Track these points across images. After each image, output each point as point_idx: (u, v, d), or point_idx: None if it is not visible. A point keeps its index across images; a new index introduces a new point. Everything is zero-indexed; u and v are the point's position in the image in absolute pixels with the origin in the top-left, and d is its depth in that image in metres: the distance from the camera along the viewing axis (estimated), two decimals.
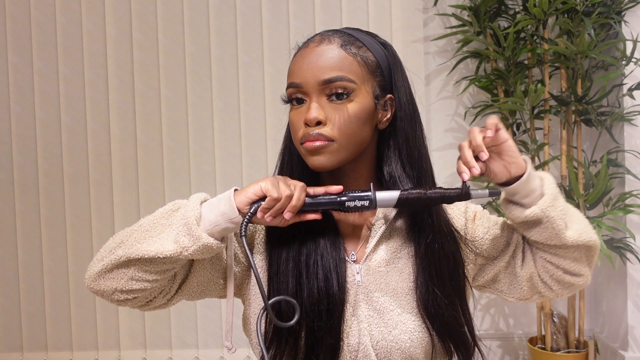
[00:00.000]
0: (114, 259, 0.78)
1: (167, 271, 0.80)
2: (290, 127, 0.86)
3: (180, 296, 0.85)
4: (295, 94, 0.84)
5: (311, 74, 0.82)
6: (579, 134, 2.12)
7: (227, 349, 0.87)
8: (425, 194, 0.81)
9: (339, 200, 0.81)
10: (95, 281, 0.80)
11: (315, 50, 0.83)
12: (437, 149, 2.36)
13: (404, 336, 0.82)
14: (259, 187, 0.79)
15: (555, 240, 0.82)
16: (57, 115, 2.36)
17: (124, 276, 0.79)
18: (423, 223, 0.86)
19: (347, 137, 0.82)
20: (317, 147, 0.81)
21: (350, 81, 0.82)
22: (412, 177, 0.85)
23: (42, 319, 2.39)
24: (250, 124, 2.33)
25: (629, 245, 2.01)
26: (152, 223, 0.81)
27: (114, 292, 0.80)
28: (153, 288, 0.80)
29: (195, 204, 0.79)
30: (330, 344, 0.81)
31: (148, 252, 0.77)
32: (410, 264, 0.87)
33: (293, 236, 0.85)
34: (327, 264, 0.83)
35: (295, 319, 0.78)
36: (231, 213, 0.78)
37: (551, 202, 0.81)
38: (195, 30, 2.32)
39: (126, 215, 2.35)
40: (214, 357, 2.37)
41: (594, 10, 1.96)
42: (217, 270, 0.85)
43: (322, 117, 0.81)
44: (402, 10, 2.29)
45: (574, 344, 2.10)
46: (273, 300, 0.80)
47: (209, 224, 0.78)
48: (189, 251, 0.77)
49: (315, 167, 0.83)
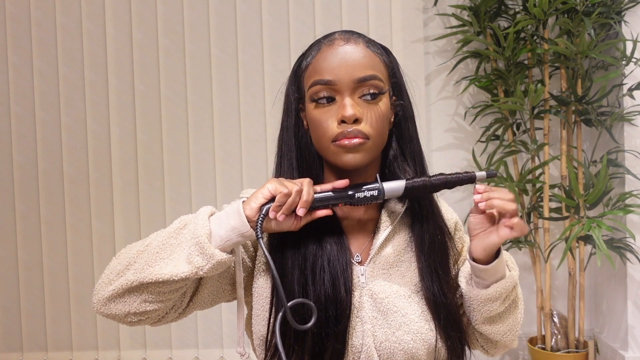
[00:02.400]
0: (124, 284, 0.76)
1: (179, 289, 0.79)
2: (316, 126, 0.83)
3: (192, 308, 0.85)
4: (323, 91, 0.82)
5: (345, 71, 0.81)
6: (579, 134, 2.12)
7: (240, 355, 0.87)
8: (430, 180, 0.83)
9: (348, 193, 0.81)
10: (105, 305, 0.78)
11: (346, 48, 0.82)
12: (437, 149, 2.36)
13: (407, 337, 0.83)
14: (266, 189, 0.78)
15: (470, 318, 0.89)
16: (57, 115, 2.36)
17: (137, 299, 0.77)
18: (425, 225, 0.87)
19: (380, 136, 0.83)
20: (356, 144, 0.80)
21: (381, 81, 0.83)
22: (417, 173, 0.88)
23: (42, 319, 2.40)
24: (250, 124, 2.33)
25: (629, 245, 2.01)
26: (162, 244, 0.78)
27: (127, 315, 0.78)
28: (166, 307, 0.80)
29: (204, 220, 0.78)
30: (337, 349, 0.81)
31: (162, 275, 0.75)
32: (414, 267, 0.87)
33: (296, 242, 0.84)
34: (334, 270, 0.82)
35: (312, 321, 0.77)
36: (242, 227, 0.77)
37: (483, 299, 0.85)
38: (195, 30, 2.32)
39: (126, 215, 2.35)
40: (214, 357, 2.37)
41: (594, 10, 1.96)
42: (224, 278, 0.85)
43: (360, 115, 0.80)
44: (402, 10, 2.29)
45: (574, 344, 2.10)
46: (292, 303, 0.78)
47: (219, 240, 0.77)
48: (204, 270, 0.76)
49: (350, 165, 0.82)
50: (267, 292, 0.86)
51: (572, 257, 2.07)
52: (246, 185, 2.34)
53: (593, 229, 1.85)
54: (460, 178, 0.83)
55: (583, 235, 1.95)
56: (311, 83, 0.83)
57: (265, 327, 0.85)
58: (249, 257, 0.88)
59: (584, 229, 1.86)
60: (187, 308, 0.84)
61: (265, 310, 0.85)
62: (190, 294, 0.83)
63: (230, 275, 0.86)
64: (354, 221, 0.89)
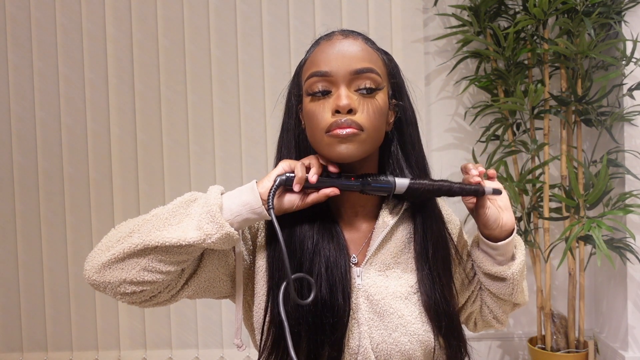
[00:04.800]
0: (127, 247, 0.74)
1: (182, 262, 0.77)
2: (311, 118, 0.82)
3: (185, 292, 0.82)
4: (319, 83, 0.81)
5: (341, 62, 0.80)
6: (579, 134, 2.12)
7: (237, 346, 0.86)
8: (433, 184, 0.83)
9: (362, 180, 0.82)
10: (99, 272, 0.74)
11: (344, 42, 0.82)
12: (437, 149, 2.36)
13: (404, 338, 0.82)
14: (280, 167, 0.80)
15: (508, 297, 0.92)
16: (57, 115, 2.36)
17: (136, 266, 0.74)
18: (429, 233, 0.87)
19: (375, 129, 0.81)
20: (349, 134, 0.78)
21: (378, 75, 0.82)
22: (419, 178, 0.87)
23: (42, 319, 2.40)
24: (250, 124, 2.33)
25: (629, 245, 2.01)
26: (171, 212, 0.77)
27: (122, 283, 0.75)
28: (163, 281, 0.77)
29: (216, 194, 0.78)
30: (334, 356, 0.81)
31: (169, 239, 0.73)
32: (411, 268, 0.87)
33: (294, 247, 0.83)
34: (331, 277, 0.81)
35: (312, 296, 0.77)
36: (254, 203, 0.78)
37: (520, 268, 0.90)
38: (195, 30, 2.32)
39: (126, 215, 2.34)
40: (214, 357, 2.37)
41: (594, 10, 1.96)
42: (223, 267, 0.84)
43: (354, 105, 0.79)
44: (402, 10, 2.29)
45: (574, 344, 2.10)
46: (295, 276, 0.78)
47: (230, 214, 0.77)
48: (213, 239, 0.75)
49: (342, 157, 0.80)
50: (267, 283, 0.85)
51: (572, 257, 2.07)
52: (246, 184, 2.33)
53: (593, 229, 1.85)
54: (463, 189, 0.84)
55: (583, 235, 1.95)
56: (308, 75, 0.82)
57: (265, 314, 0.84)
58: (247, 251, 0.87)
59: (584, 229, 1.86)
60: (180, 290, 0.82)
61: (265, 301, 0.85)
62: (188, 273, 0.81)
63: (229, 266, 0.85)
64: (351, 221, 0.89)
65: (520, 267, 0.89)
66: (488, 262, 0.90)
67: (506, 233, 0.87)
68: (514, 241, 0.90)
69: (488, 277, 0.92)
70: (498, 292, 0.92)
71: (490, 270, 0.89)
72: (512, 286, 0.90)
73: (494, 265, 0.89)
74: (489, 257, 0.90)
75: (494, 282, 0.91)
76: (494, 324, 0.99)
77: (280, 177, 0.79)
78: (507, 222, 0.86)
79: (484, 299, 0.97)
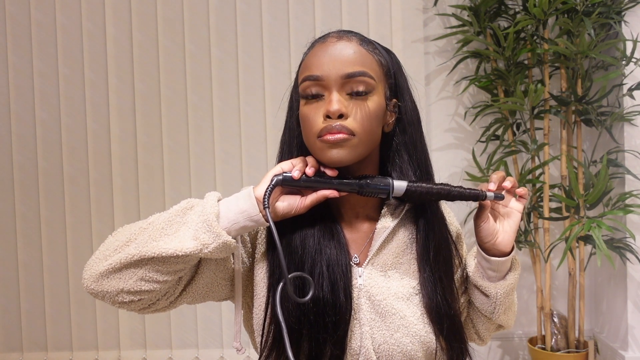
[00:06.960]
0: (124, 258, 0.74)
1: (178, 271, 0.77)
2: (304, 122, 0.82)
3: (184, 299, 0.82)
4: (312, 87, 0.81)
5: (333, 66, 0.80)
6: (579, 134, 2.12)
7: (236, 349, 0.86)
8: (433, 188, 0.83)
9: (359, 182, 0.81)
10: (97, 282, 0.75)
11: (336, 45, 0.81)
12: (437, 149, 2.36)
13: (406, 339, 0.82)
14: (278, 167, 0.80)
15: (489, 314, 0.93)
16: (57, 115, 2.36)
17: (133, 276, 0.74)
18: (431, 235, 0.87)
19: (367, 133, 0.81)
20: (339, 139, 0.78)
21: (371, 78, 0.81)
22: (421, 179, 0.86)
23: (42, 319, 2.40)
24: (250, 124, 2.33)
25: (629, 245, 2.01)
26: (167, 221, 0.77)
27: (119, 293, 0.75)
28: (161, 290, 0.77)
29: (213, 202, 0.78)
30: (336, 355, 0.80)
31: (166, 250, 0.73)
32: (413, 269, 0.87)
33: (295, 246, 0.83)
34: (333, 275, 0.81)
35: (310, 294, 0.77)
36: (251, 210, 0.77)
37: (508, 290, 0.90)
38: (195, 30, 2.32)
39: (126, 215, 2.35)
40: (214, 357, 2.37)
41: (594, 10, 1.96)
42: (221, 271, 0.84)
43: (345, 110, 0.79)
44: (402, 10, 2.29)
45: (574, 344, 2.10)
46: (293, 275, 0.78)
47: (227, 222, 0.77)
48: (209, 248, 0.74)
49: (333, 162, 0.80)
50: (267, 284, 0.85)
51: (572, 257, 2.07)
52: (246, 185, 2.33)
53: (593, 229, 1.85)
54: (463, 194, 0.83)
55: (583, 235, 1.95)
56: (301, 79, 0.82)
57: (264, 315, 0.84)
58: (246, 254, 0.87)
59: (584, 229, 1.86)
60: (179, 297, 0.82)
61: (265, 302, 0.85)
62: (185, 281, 0.81)
63: (228, 269, 0.84)
64: (352, 222, 0.89)
65: (508, 289, 0.89)
66: (478, 273, 0.90)
67: (499, 253, 0.87)
68: (512, 263, 0.90)
69: (474, 288, 0.93)
70: (480, 306, 0.93)
71: (477, 282, 0.90)
72: (494, 305, 0.90)
73: (482, 279, 0.90)
74: (480, 269, 0.90)
75: (479, 295, 0.92)
76: (475, 338, 1.00)
77: (277, 176, 0.79)
78: (502, 241, 0.86)
79: (469, 312, 0.98)
